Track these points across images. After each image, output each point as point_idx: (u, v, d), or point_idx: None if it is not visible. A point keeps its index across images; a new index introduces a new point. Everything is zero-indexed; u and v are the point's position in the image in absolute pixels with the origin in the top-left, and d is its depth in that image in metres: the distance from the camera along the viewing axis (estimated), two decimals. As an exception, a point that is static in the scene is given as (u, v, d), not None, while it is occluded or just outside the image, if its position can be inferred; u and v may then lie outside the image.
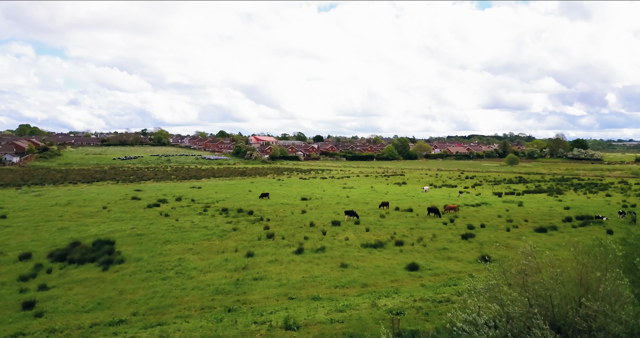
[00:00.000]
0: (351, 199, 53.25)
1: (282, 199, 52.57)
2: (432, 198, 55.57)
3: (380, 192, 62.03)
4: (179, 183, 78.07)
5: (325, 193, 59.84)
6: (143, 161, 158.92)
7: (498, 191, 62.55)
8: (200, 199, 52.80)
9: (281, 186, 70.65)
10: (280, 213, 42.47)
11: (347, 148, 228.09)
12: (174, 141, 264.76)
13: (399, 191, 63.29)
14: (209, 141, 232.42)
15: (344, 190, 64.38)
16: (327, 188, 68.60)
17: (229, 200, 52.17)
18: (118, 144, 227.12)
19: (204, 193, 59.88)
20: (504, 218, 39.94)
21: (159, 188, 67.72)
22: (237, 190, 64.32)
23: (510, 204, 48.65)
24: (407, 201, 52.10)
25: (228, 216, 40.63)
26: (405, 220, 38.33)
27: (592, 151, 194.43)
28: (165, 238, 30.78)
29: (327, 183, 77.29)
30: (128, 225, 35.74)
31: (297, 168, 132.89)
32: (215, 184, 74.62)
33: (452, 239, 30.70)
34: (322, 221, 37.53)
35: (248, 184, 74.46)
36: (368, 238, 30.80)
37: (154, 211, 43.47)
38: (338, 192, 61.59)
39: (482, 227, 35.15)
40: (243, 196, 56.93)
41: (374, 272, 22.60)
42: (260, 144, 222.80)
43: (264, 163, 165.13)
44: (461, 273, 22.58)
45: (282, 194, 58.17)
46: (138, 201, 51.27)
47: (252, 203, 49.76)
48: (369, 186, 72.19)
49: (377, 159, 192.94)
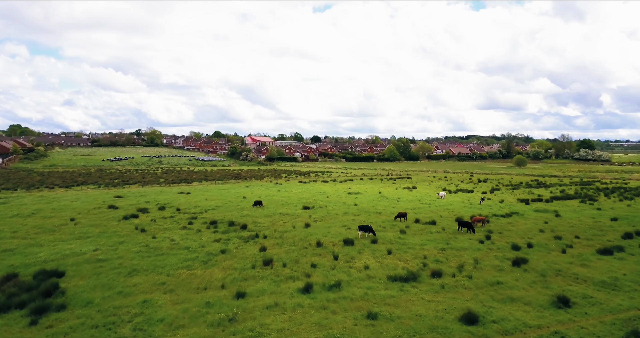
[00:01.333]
0: (360, 207, 46.51)
1: (280, 208, 45.77)
2: (452, 205, 48.93)
3: (391, 198, 55.32)
4: (167, 188, 71.06)
5: (330, 200, 53.07)
6: (133, 162, 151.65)
7: (522, 198, 55.94)
8: (186, 208, 45.92)
9: (279, 192, 63.82)
10: (280, 226, 35.68)
11: (346, 148, 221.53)
12: (168, 142, 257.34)
13: (412, 197, 56.58)
14: (203, 142, 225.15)
15: (350, 196, 57.61)
16: (331, 193, 61.84)
17: (220, 209, 45.29)
18: (109, 145, 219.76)
19: (192, 200, 52.96)
20: (547, 233, 33.35)
21: (143, 194, 60.71)
22: (230, 196, 57.44)
23: (545, 215, 42.05)
24: (425, 210, 45.40)
25: (217, 231, 33.80)
26: (431, 237, 31.62)
27: (599, 151, 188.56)
28: (133, 266, 23.90)
29: (329, 188, 70.52)
30: (91, 246, 28.81)
31: (295, 170, 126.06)
32: (206, 189, 67.67)
33: (500, 266, 24.00)
34: (331, 238, 30.79)
35: (242, 189, 67.57)
36: (393, 265, 24.07)
37: (129, 225, 36.55)
38: (343, 199, 54.85)
39: (529, 247, 28.51)
40: (236, 203, 50.06)
41: (417, 328, 15.85)
42: (256, 144, 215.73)
43: (260, 165, 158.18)
44: (541, 329, 15.87)
45: (281, 202, 51.36)
46: (114, 211, 44.32)
47: (246, 213, 42.93)
48: (376, 190, 65.45)
49: (378, 160, 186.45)
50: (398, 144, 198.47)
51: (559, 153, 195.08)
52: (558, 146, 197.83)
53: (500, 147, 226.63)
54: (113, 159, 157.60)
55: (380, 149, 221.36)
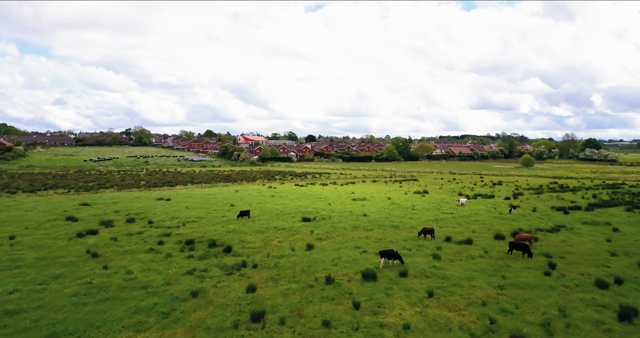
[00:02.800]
0: (371, 219, 38.64)
1: (275, 221, 37.77)
2: (478, 216, 41.21)
3: (404, 206, 47.48)
4: (145, 193, 62.72)
5: (333, 209, 45.14)
6: (117, 163, 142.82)
7: (556, 205, 48.33)
8: (161, 221, 37.82)
9: (273, 197, 55.76)
10: (274, 248, 27.74)
11: (342, 148, 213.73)
12: (157, 141, 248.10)
13: (428, 205, 48.78)
14: (194, 141, 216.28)
15: (356, 204, 49.70)
16: (332, 198, 53.90)
17: (201, 222, 37.20)
18: (95, 145, 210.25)
19: (170, 209, 44.81)
20: (622, 256, 25.85)
21: (115, 201, 52.42)
22: (216, 204, 49.33)
23: (599, 229, 34.45)
24: (450, 222, 37.62)
25: (192, 256, 25.79)
26: (476, 265, 23.84)
27: (605, 151, 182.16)
28: (55, 325, 15.88)
29: (330, 192, 62.57)
30: (10, 284, 20.68)
31: (290, 171, 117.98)
32: (189, 195, 59.43)
33: (602, 321, 16.26)
34: (344, 268, 22.93)
35: (231, 195, 59.42)
36: (444, 319, 16.26)
37: (81, 246, 28.42)
38: (348, 206, 46.95)
39: (618, 283, 20.80)
40: (222, 213, 41.98)
41: None
42: (249, 144, 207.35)
43: (252, 165, 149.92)
44: None
45: (276, 211, 43.35)
46: (71, 225, 36.11)
47: (233, 227, 34.90)
48: (383, 196, 57.57)
49: (376, 160, 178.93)
50: (397, 144, 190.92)
51: (562, 152, 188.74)
52: (562, 146, 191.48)
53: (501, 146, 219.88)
54: (96, 159, 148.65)
55: (377, 148, 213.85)
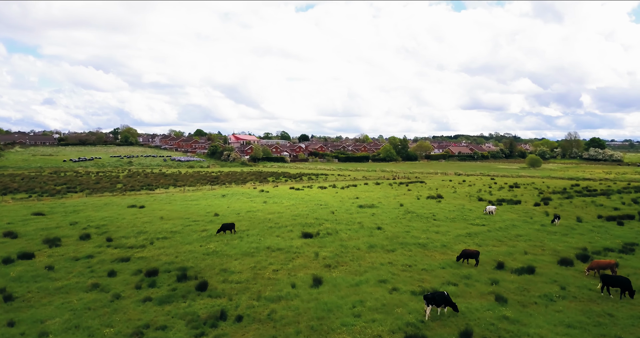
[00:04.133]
0: (388, 234, 30.93)
1: (268, 238, 29.90)
2: (518, 229, 33.71)
3: (422, 215, 39.80)
4: (118, 198, 54.44)
5: (338, 219, 37.34)
6: (99, 163, 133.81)
7: (603, 214, 40.91)
8: (123, 237, 29.83)
9: (266, 204, 47.84)
10: (267, 283, 19.96)
11: (337, 148, 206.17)
12: (145, 141, 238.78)
13: (449, 213, 41.12)
14: (182, 140, 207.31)
15: (364, 212, 41.93)
16: (335, 205, 46.13)
17: (174, 240, 29.22)
18: (78, 144, 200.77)
19: (140, 221, 36.74)
20: None
21: (78, 209, 44.18)
22: (197, 212, 41.32)
23: (683, 248, 27.07)
24: (488, 238, 30.03)
25: (150, 298, 17.98)
26: (565, 315, 16.28)
27: (610, 151, 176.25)
28: None
29: (330, 197, 54.75)
30: None
31: (283, 171, 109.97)
32: (168, 201, 51.28)
33: None
34: (372, 322, 15.25)
35: (217, 200, 51.39)
36: None
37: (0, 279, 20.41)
38: (356, 216, 39.20)
39: None
40: (202, 226, 34.03)
41: None
42: (240, 143, 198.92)
43: (243, 166, 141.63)
44: None
45: (269, 223, 35.43)
46: (7, 243, 28.08)
47: (214, 246, 27.02)
48: (394, 201, 49.85)
49: (373, 160, 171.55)
50: (394, 143, 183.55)
51: (565, 152, 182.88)
52: (565, 145, 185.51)
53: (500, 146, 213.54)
54: (77, 159, 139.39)
55: (374, 148, 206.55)
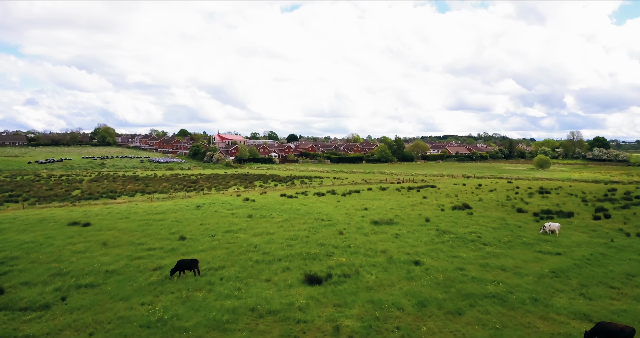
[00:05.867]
0: (434, 275, 20.40)
1: (254, 286, 19.10)
2: (610, 259, 23.45)
3: (465, 238, 29.29)
4: (63, 211, 42.95)
5: (352, 246, 26.63)
6: (67, 165, 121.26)
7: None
8: (23, 287, 18.90)
9: (251, 219, 36.92)
10: None
11: (329, 148, 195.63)
12: (124, 141, 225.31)
13: (497, 233, 30.70)
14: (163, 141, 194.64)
15: (382, 231, 31.28)
16: (340, 220, 35.44)
17: (101, 293, 18.27)
18: (50, 145, 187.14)
19: (68, 251, 25.60)
20: None
21: None
22: (157, 234, 30.24)
23: None
24: (591, 280, 19.65)
25: None
26: None
27: (615, 151, 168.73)
28: None
29: (332, 207, 44.02)
30: None
31: (272, 174, 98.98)
32: (126, 215, 39.97)
33: None
34: None
35: (189, 214, 40.28)
36: None
37: None
38: (375, 240, 28.55)
39: None
40: (156, 262, 23.06)
41: None
42: (225, 143, 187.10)
43: (228, 167, 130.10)
44: None
45: (255, 255, 24.56)
46: None
47: (162, 308, 16.10)
48: (414, 214, 39.26)
49: (367, 161, 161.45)
50: (389, 143, 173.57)
51: (567, 152, 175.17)
52: (567, 145, 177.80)
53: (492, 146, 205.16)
54: (43, 161, 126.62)
55: (367, 148, 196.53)
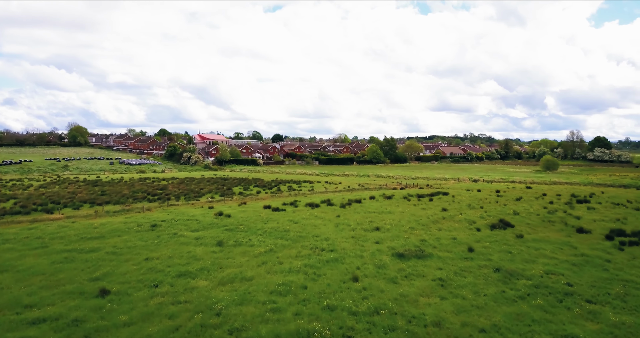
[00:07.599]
0: None
1: None
2: None
3: (554, 288, 19.15)
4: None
5: (376, 307, 16.15)
6: (25, 167, 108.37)
7: None
8: None
9: (221, 249, 26.16)
10: None
11: (317, 148, 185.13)
12: (97, 141, 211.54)
13: (590, 279, 20.64)
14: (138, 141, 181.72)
15: (413, 271, 20.97)
16: (347, 248, 25.07)
17: None
18: (15, 145, 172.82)
19: None
20: None
21: None
22: (72, 283, 19.31)
23: None
24: None
25: None
26: None
27: (617, 151, 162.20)
28: None
29: (331, 226, 33.47)
30: None
31: (255, 178, 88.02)
32: (46, 242, 28.77)
33: None
34: None
35: (136, 240, 29.28)
36: None
37: None
38: (409, 291, 18.19)
39: None
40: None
41: None
42: (206, 143, 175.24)
43: (206, 170, 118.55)
44: None
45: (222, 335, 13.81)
46: None
47: None
48: (447, 238, 29.04)
49: (358, 162, 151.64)
50: (381, 144, 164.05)
51: (567, 153, 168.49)
52: (566, 146, 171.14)
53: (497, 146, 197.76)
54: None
55: (356, 149, 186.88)
